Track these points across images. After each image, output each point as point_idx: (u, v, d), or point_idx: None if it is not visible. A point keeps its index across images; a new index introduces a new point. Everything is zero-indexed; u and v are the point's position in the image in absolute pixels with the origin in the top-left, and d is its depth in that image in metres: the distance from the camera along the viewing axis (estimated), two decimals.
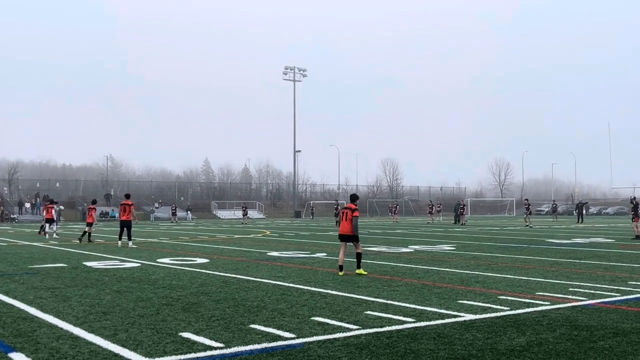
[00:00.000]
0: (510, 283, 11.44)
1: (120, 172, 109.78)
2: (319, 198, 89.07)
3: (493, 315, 8.15)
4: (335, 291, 10.42)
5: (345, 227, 13.07)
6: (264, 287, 10.92)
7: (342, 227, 13.21)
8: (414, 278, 12.24)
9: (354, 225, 12.95)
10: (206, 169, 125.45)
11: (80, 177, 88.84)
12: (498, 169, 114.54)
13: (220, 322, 7.76)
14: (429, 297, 9.70)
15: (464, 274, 13.01)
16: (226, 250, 20.08)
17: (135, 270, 13.98)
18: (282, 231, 34.39)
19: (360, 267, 13.12)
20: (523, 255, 17.49)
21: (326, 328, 7.35)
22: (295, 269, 13.95)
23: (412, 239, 25.83)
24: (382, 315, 8.13)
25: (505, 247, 21.11)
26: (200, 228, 40.05)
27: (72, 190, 77.20)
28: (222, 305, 8.99)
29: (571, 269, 13.93)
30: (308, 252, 18.73)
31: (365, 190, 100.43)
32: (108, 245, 22.63)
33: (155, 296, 9.94)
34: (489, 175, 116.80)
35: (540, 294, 10.08)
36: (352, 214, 12.99)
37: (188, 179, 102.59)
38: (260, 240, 25.91)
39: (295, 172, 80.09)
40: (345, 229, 13.07)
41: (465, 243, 23.17)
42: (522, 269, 13.83)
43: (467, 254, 17.98)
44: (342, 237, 13.25)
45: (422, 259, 16.37)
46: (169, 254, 18.24)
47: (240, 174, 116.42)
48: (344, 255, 13.25)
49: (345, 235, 13.11)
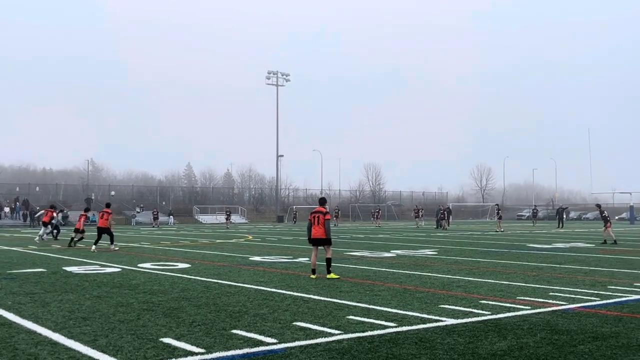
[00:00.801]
0: (491, 288, 11.51)
1: (101, 177, 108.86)
2: (301, 203, 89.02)
3: (474, 320, 8.19)
4: (317, 296, 10.41)
5: (318, 231, 13.11)
6: (246, 292, 10.88)
7: (314, 231, 13.21)
8: (396, 283, 12.27)
9: (327, 229, 13.02)
10: (188, 173, 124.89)
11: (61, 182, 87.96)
12: (479, 174, 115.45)
13: (202, 327, 7.72)
14: (410, 302, 9.72)
15: (446, 278, 13.06)
16: (208, 255, 19.98)
17: (116, 275, 13.87)
18: (264, 236, 34.31)
19: (330, 271, 13.17)
20: (504, 260, 17.60)
21: (308, 333, 7.34)
22: (277, 274, 13.92)
23: (394, 244, 25.90)
24: (364, 320, 8.13)
25: (487, 251, 21.23)
26: (182, 233, 39.84)
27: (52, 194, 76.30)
28: (203, 311, 8.94)
29: (552, 273, 14.04)
30: (290, 257, 18.70)
31: (348, 195, 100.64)
32: (88, 250, 22.42)
33: (135, 301, 9.86)
34: (470, 180, 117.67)
35: (521, 298, 10.14)
36: (324, 217, 13.04)
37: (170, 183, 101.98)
38: (243, 245, 25.83)
39: (277, 176, 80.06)
40: (318, 232, 13.11)
41: (447, 248, 23.27)
42: (503, 274, 13.92)
43: (448, 259, 18.06)
44: (314, 241, 13.27)
45: (405, 264, 16.41)
46: (150, 259, 18.12)
47: (222, 178, 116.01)
48: (316, 258, 13.33)
49: (318, 239, 13.16)
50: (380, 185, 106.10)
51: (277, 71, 76.22)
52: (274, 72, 76.11)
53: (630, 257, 18.64)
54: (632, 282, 12.29)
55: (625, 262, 17.12)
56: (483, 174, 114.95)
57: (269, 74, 76.13)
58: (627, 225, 59.96)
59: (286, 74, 77.02)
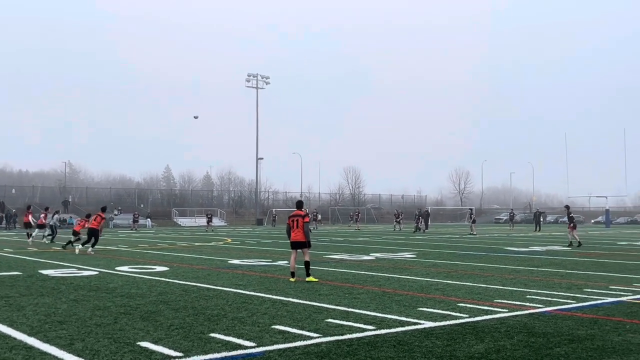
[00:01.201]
0: (469, 290, 11.58)
1: (79, 179, 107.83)
2: (281, 206, 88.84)
3: (452, 323, 8.24)
4: (296, 299, 10.40)
5: (298, 235, 13.16)
6: (225, 296, 10.84)
7: (294, 234, 13.24)
8: (375, 286, 12.30)
9: (306, 232, 13.08)
10: (167, 175, 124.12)
11: (37, 184, 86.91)
12: (458, 177, 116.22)
13: (180, 331, 7.67)
14: (389, 305, 9.75)
15: (424, 281, 13.12)
16: (186, 258, 19.87)
17: (93, 278, 13.73)
18: (243, 239, 34.21)
19: (309, 274, 13.20)
20: (482, 263, 17.73)
21: (287, 336, 7.32)
22: (256, 277, 13.88)
23: (373, 247, 25.96)
24: (343, 323, 8.14)
25: (465, 254, 21.37)
26: (161, 235, 39.57)
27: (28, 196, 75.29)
28: (181, 314, 8.88)
29: (529, 276, 14.16)
30: (269, 260, 18.66)
31: (328, 198, 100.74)
32: (65, 252, 22.18)
33: (113, 305, 9.78)
34: (449, 183, 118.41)
35: (499, 301, 10.22)
36: (303, 220, 13.09)
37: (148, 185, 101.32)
38: (222, 248, 25.72)
39: (257, 179, 79.83)
40: (298, 236, 13.16)
41: (426, 251, 23.38)
42: (481, 277, 14.01)
43: (427, 262, 18.14)
44: (294, 245, 13.32)
45: (383, 267, 16.45)
46: (128, 262, 17.97)
47: (201, 181, 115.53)
48: (295, 261, 13.35)
49: (298, 242, 13.20)
50: (359, 188, 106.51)
51: (257, 74, 76.04)
52: (254, 74, 75.90)
53: (606, 260, 18.87)
54: (608, 285, 12.44)
55: (600, 265, 17.33)
56: (461, 177, 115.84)
57: (249, 76, 75.90)
58: (603, 228, 60.75)
59: (266, 76, 76.86)
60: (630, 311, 9.30)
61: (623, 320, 8.52)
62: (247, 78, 76.01)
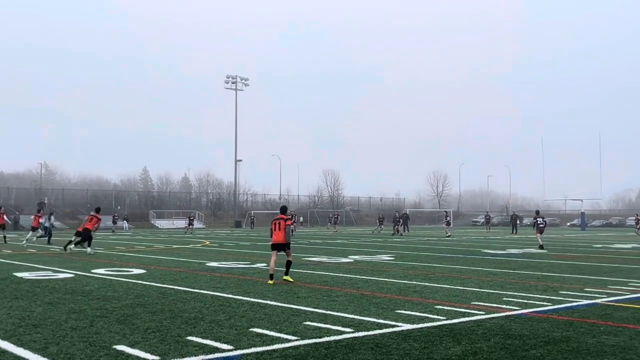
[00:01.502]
0: (446, 293, 11.65)
1: (55, 180, 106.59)
2: (260, 208, 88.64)
3: (430, 325, 8.28)
4: (274, 302, 10.38)
5: (279, 236, 13.37)
6: (202, 298, 10.78)
7: (275, 236, 13.46)
8: (354, 288, 12.32)
9: (287, 233, 13.26)
10: (145, 177, 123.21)
11: (12, 185, 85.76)
12: (436, 180, 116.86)
13: (157, 334, 7.61)
14: (367, 307, 9.77)
15: (402, 284, 13.17)
16: (164, 260, 19.73)
17: (69, 281, 13.58)
18: (222, 241, 34.06)
19: (288, 274, 13.37)
20: (459, 266, 17.84)
21: (265, 339, 7.31)
22: (234, 280, 13.83)
23: (352, 249, 26.00)
24: (321, 326, 8.14)
25: (442, 257, 21.49)
26: (138, 238, 39.25)
27: (3, 198, 74.28)
28: (158, 317, 8.82)
29: (505, 279, 14.29)
30: (248, 263, 18.60)
31: (307, 201, 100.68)
32: (41, 255, 21.92)
33: (89, 308, 9.68)
34: (427, 186, 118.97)
35: (476, 303, 10.29)
36: (285, 223, 13.35)
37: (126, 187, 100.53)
38: (200, 250, 25.58)
39: (236, 181, 79.59)
40: (279, 237, 13.37)
41: (404, 253, 23.47)
42: (458, 279, 14.10)
43: (405, 264, 18.22)
44: (275, 246, 13.47)
45: (362, 269, 16.49)
46: (104, 265, 17.80)
47: (179, 183, 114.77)
48: (275, 264, 13.40)
49: (279, 244, 13.38)
50: (338, 190, 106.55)
51: (237, 75, 75.83)
52: (233, 76, 75.68)
53: (581, 263, 19.10)
54: (583, 288, 12.59)
55: (576, 267, 17.53)
56: (439, 180, 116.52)
57: (228, 78, 75.64)
58: (579, 231, 61.46)
59: (245, 78, 76.69)
60: (604, 313, 9.42)
61: (597, 322, 8.63)
62: (226, 80, 75.75)
